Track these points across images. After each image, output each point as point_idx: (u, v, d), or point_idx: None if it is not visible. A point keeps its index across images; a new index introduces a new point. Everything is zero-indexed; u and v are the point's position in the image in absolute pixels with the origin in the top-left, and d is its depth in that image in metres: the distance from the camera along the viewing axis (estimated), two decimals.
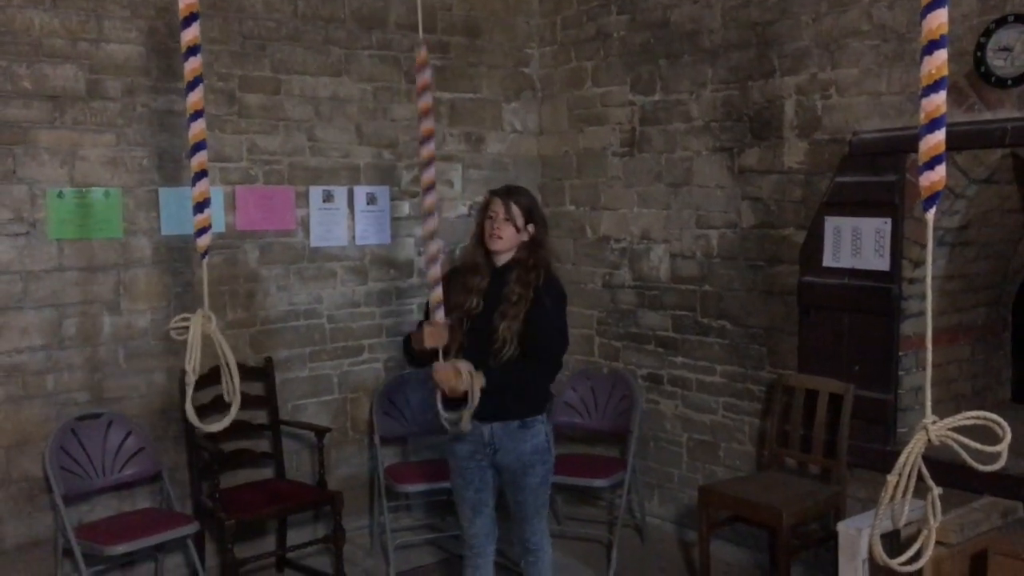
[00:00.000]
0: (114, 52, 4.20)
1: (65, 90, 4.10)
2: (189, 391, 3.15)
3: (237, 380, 3.16)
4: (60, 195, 4.11)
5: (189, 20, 3.01)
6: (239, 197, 4.60)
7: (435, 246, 3.31)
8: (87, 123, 4.16)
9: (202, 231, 3.14)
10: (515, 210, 3.38)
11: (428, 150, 3.24)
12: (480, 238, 3.45)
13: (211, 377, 3.60)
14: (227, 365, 3.16)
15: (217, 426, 3.31)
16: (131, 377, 4.32)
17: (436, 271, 3.27)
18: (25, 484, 4.08)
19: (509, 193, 3.44)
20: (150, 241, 4.35)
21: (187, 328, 3.12)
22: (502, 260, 3.42)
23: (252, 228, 4.66)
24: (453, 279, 3.46)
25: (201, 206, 3.11)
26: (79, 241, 4.17)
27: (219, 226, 4.53)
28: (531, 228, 3.42)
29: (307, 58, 4.77)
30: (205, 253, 3.17)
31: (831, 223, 4.17)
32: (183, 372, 3.29)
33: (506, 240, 3.38)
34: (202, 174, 3.08)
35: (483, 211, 3.45)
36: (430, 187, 3.24)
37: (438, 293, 3.26)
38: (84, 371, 4.21)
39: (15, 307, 4.02)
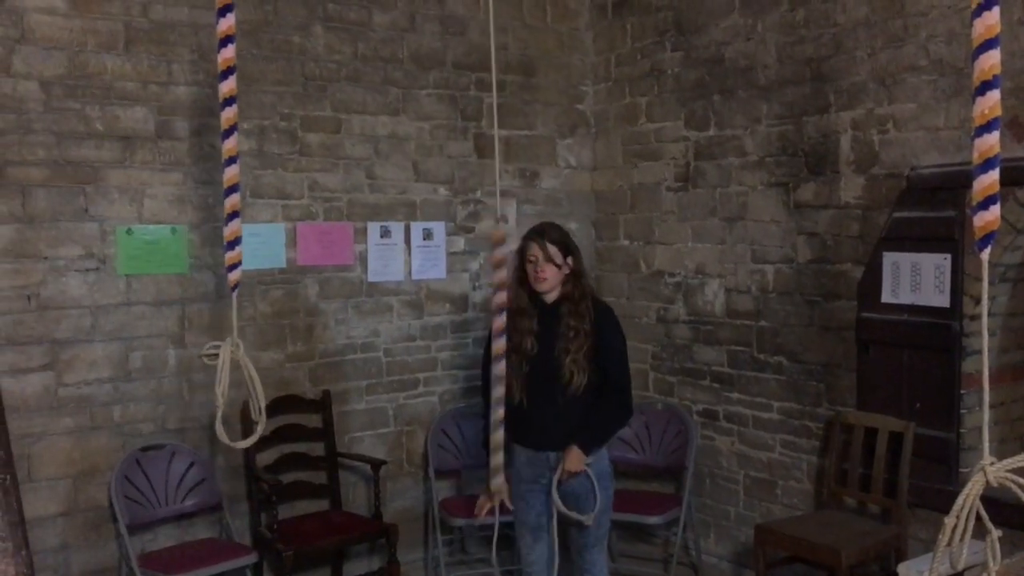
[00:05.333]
0: (182, 94, 4.35)
1: (135, 131, 4.25)
2: (219, 412, 3.27)
3: (262, 400, 3.30)
4: (129, 232, 4.25)
5: (226, 73, 3.14)
6: (300, 233, 4.71)
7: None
8: (155, 163, 4.31)
9: (233, 267, 3.31)
10: (551, 249, 3.51)
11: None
12: (522, 280, 3.56)
13: (274, 408, 3.68)
14: (253, 386, 3.30)
15: (244, 443, 3.49)
16: (194, 409, 4.43)
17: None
18: (91, 513, 4.19)
19: (542, 233, 3.56)
20: (214, 276, 4.47)
21: (217, 355, 3.27)
22: (550, 298, 3.56)
23: (312, 263, 4.76)
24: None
25: (232, 244, 3.28)
26: (146, 276, 4.30)
27: (280, 261, 4.66)
28: (570, 261, 3.55)
29: (367, 98, 4.89)
30: (235, 287, 3.34)
31: (889, 258, 4.12)
32: (230, 396, 3.34)
33: (551, 280, 3.52)
34: (234, 215, 3.27)
35: (521, 255, 3.57)
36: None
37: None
38: (149, 403, 4.33)
39: (85, 340, 4.16)
